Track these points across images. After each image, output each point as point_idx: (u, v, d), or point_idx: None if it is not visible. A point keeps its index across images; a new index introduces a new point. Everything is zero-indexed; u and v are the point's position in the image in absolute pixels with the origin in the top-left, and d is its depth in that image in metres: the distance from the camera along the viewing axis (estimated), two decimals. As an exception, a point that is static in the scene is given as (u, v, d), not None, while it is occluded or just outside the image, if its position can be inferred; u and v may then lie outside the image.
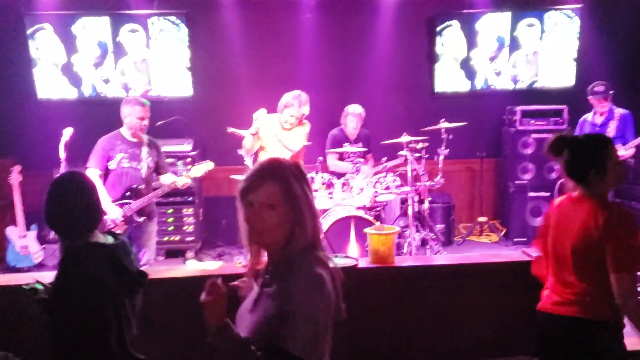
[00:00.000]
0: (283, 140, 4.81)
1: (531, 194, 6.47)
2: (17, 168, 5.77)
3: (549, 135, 6.99)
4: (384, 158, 5.69)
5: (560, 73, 6.90)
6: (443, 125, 5.77)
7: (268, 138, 4.81)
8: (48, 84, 6.47)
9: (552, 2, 6.79)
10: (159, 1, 6.42)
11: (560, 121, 6.49)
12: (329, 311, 1.71)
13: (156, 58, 6.52)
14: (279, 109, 4.89)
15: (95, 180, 4.21)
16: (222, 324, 1.66)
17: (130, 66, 6.52)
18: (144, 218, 4.36)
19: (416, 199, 5.54)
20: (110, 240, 2.22)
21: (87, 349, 1.97)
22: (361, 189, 5.23)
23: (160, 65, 6.54)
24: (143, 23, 6.43)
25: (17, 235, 5.83)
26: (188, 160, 6.11)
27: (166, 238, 6.14)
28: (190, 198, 6.23)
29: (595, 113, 5.78)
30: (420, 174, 5.57)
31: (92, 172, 4.25)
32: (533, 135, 6.46)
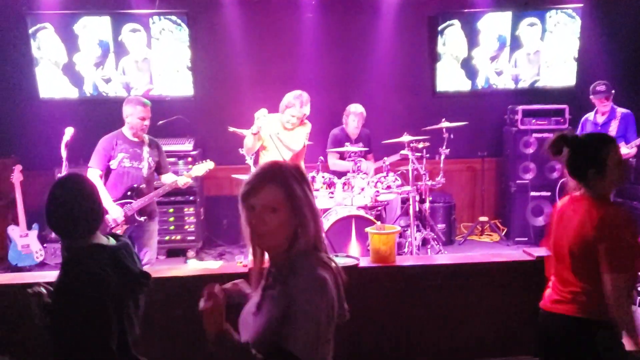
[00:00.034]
0: (284, 140, 4.81)
1: (532, 194, 6.47)
2: (19, 167, 5.78)
3: (550, 134, 6.96)
4: (385, 157, 5.69)
5: (561, 72, 6.89)
6: (444, 124, 5.77)
7: (269, 138, 4.81)
8: (50, 84, 6.48)
9: (553, 2, 6.79)
10: (160, 1, 6.42)
11: (561, 121, 6.48)
12: (331, 312, 1.71)
13: (157, 57, 6.52)
14: (281, 109, 4.88)
15: (95, 180, 4.22)
16: (221, 331, 1.67)
17: (131, 66, 6.52)
18: (145, 217, 4.37)
19: (417, 199, 5.55)
20: (112, 241, 2.22)
21: (87, 349, 1.97)
22: (362, 189, 5.23)
23: (161, 64, 6.54)
24: (144, 23, 6.43)
25: (19, 234, 5.84)
26: (189, 159, 6.12)
27: (167, 237, 6.14)
28: (191, 197, 6.23)
29: (597, 112, 5.77)
30: (421, 174, 5.58)
31: (93, 172, 4.26)
32: (534, 134, 6.46)
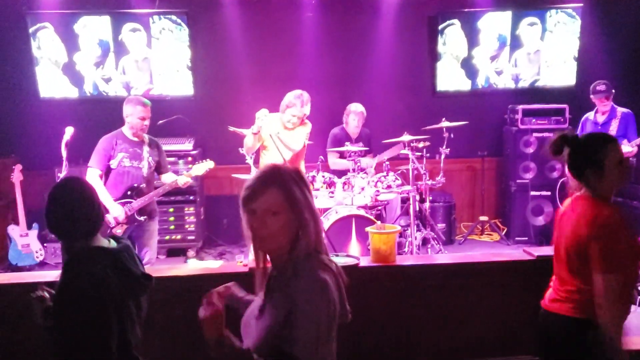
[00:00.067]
0: (284, 139, 4.80)
1: (532, 193, 6.46)
2: (19, 167, 5.77)
3: (551, 134, 6.96)
4: (385, 157, 5.68)
5: (561, 72, 6.89)
6: (444, 124, 5.77)
7: (269, 137, 4.81)
8: (50, 83, 6.47)
9: (553, 2, 6.78)
10: (160, 0, 6.42)
11: (561, 120, 6.48)
12: (333, 314, 1.72)
13: (157, 57, 6.52)
14: (281, 109, 4.88)
15: (95, 179, 4.23)
16: (222, 339, 1.68)
17: (131, 65, 6.52)
18: (145, 217, 4.37)
19: (417, 198, 5.55)
20: (113, 244, 2.21)
21: (87, 349, 1.97)
22: (362, 188, 5.23)
23: (161, 64, 6.54)
24: (144, 22, 6.43)
25: (19, 233, 5.84)
26: (189, 159, 6.12)
27: (167, 237, 6.14)
28: (191, 197, 6.23)
29: (597, 112, 5.77)
30: (421, 173, 5.58)
31: (93, 172, 4.26)
32: (534, 134, 6.46)
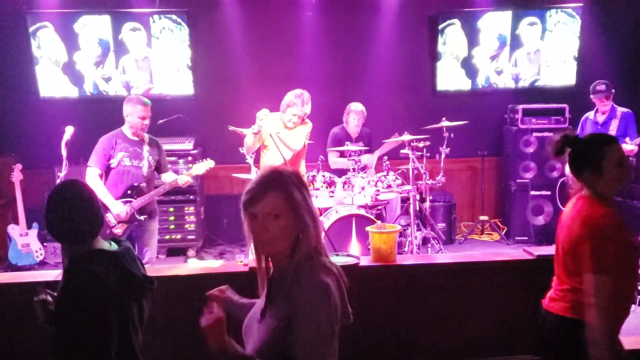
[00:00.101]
0: (285, 139, 4.80)
1: (533, 193, 6.46)
2: (19, 166, 5.77)
3: (551, 133, 6.97)
4: (385, 157, 5.68)
5: (561, 72, 6.89)
6: (444, 123, 5.77)
7: (270, 137, 4.80)
8: (50, 83, 6.47)
9: (553, 1, 6.78)
10: (160, 0, 6.42)
11: (561, 120, 6.48)
12: (335, 317, 1.73)
13: (157, 56, 6.52)
14: (282, 108, 4.88)
15: (95, 178, 4.23)
16: (224, 346, 1.69)
17: (131, 64, 6.52)
18: (146, 216, 4.36)
19: (417, 198, 5.55)
20: (114, 246, 2.21)
21: (87, 349, 1.96)
22: (362, 188, 5.23)
23: (161, 63, 6.54)
24: (144, 22, 6.43)
25: (19, 233, 5.84)
26: (189, 158, 6.12)
27: (167, 236, 6.14)
28: (191, 196, 6.23)
29: (597, 111, 5.77)
30: (421, 173, 5.57)
31: (92, 171, 4.26)
32: (534, 133, 6.46)
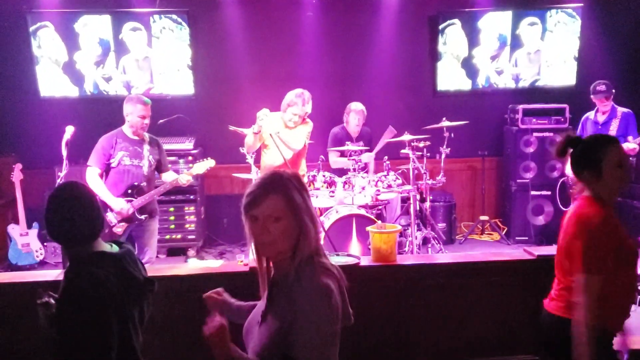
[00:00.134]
0: (285, 139, 4.80)
1: (533, 193, 6.47)
2: (19, 166, 5.77)
3: (551, 134, 6.97)
4: (386, 157, 5.68)
5: (561, 72, 6.89)
6: (445, 123, 5.77)
7: (270, 137, 4.80)
8: (50, 82, 6.47)
9: (554, 1, 6.78)
10: (161, 0, 6.42)
11: (561, 120, 6.48)
12: (336, 319, 1.74)
13: (158, 56, 6.52)
14: (282, 108, 4.88)
15: (95, 178, 4.23)
16: (229, 354, 1.71)
17: (132, 64, 6.52)
18: (146, 216, 4.36)
19: (418, 198, 5.55)
20: (115, 248, 2.20)
21: (87, 349, 1.96)
22: (363, 188, 5.23)
23: (162, 63, 6.54)
24: (145, 21, 6.43)
25: (19, 233, 5.84)
26: (189, 158, 6.12)
27: (168, 236, 6.14)
28: (191, 196, 6.23)
29: (597, 111, 5.77)
30: (422, 173, 5.57)
31: (92, 171, 4.26)
32: (535, 133, 6.46)
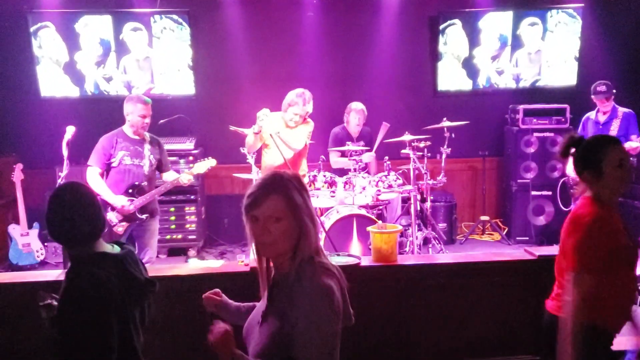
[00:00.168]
0: (286, 138, 4.80)
1: (534, 193, 6.46)
2: (20, 166, 5.77)
3: (552, 134, 6.95)
4: (386, 157, 5.67)
5: (562, 72, 6.88)
6: (445, 124, 5.77)
7: (270, 137, 4.80)
8: (51, 82, 6.47)
9: (554, 2, 6.78)
10: (161, 0, 6.42)
11: (562, 120, 6.48)
12: (338, 319, 1.74)
13: (159, 56, 6.52)
14: (283, 108, 4.88)
15: (96, 177, 4.24)
16: (235, 359, 1.72)
17: (132, 64, 6.52)
18: (147, 215, 4.36)
19: (418, 198, 5.55)
20: (116, 249, 2.20)
21: (87, 350, 1.96)
22: (363, 188, 5.22)
23: (162, 63, 6.54)
24: (145, 21, 6.43)
25: (20, 233, 5.84)
26: (190, 158, 6.12)
27: (168, 236, 6.14)
28: (192, 196, 6.23)
29: (598, 111, 5.76)
30: (422, 173, 5.57)
31: (93, 170, 4.27)
32: (535, 134, 6.46)
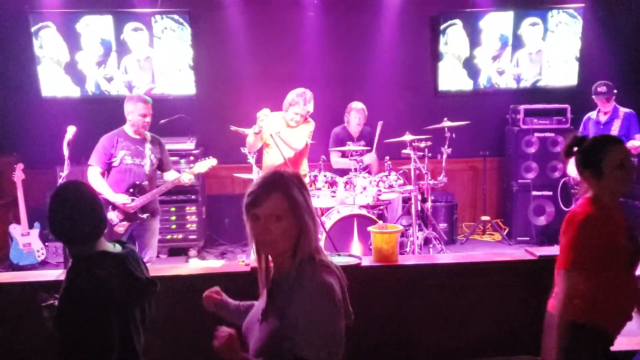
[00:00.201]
0: (286, 138, 4.80)
1: (534, 193, 6.46)
2: (20, 166, 5.77)
3: (552, 134, 6.94)
4: (387, 157, 5.67)
5: (563, 72, 6.88)
6: (446, 124, 5.77)
7: (270, 137, 4.80)
8: (52, 82, 6.47)
9: (555, 2, 6.77)
10: (162, 0, 6.42)
11: (563, 120, 6.48)
12: (340, 316, 1.75)
13: (159, 56, 6.52)
14: (284, 107, 4.88)
15: (96, 177, 4.24)
16: None
17: (133, 64, 6.52)
18: (148, 215, 4.36)
19: (419, 198, 5.55)
20: (118, 248, 2.20)
21: (87, 350, 1.96)
22: (364, 188, 5.22)
23: (163, 63, 6.54)
24: (146, 22, 6.43)
25: (20, 232, 5.84)
26: (191, 158, 6.12)
27: (169, 236, 6.14)
28: (193, 196, 6.23)
29: (599, 111, 5.76)
30: (423, 173, 5.57)
31: (94, 170, 4.27)
32: (536, 134, 6.46)
